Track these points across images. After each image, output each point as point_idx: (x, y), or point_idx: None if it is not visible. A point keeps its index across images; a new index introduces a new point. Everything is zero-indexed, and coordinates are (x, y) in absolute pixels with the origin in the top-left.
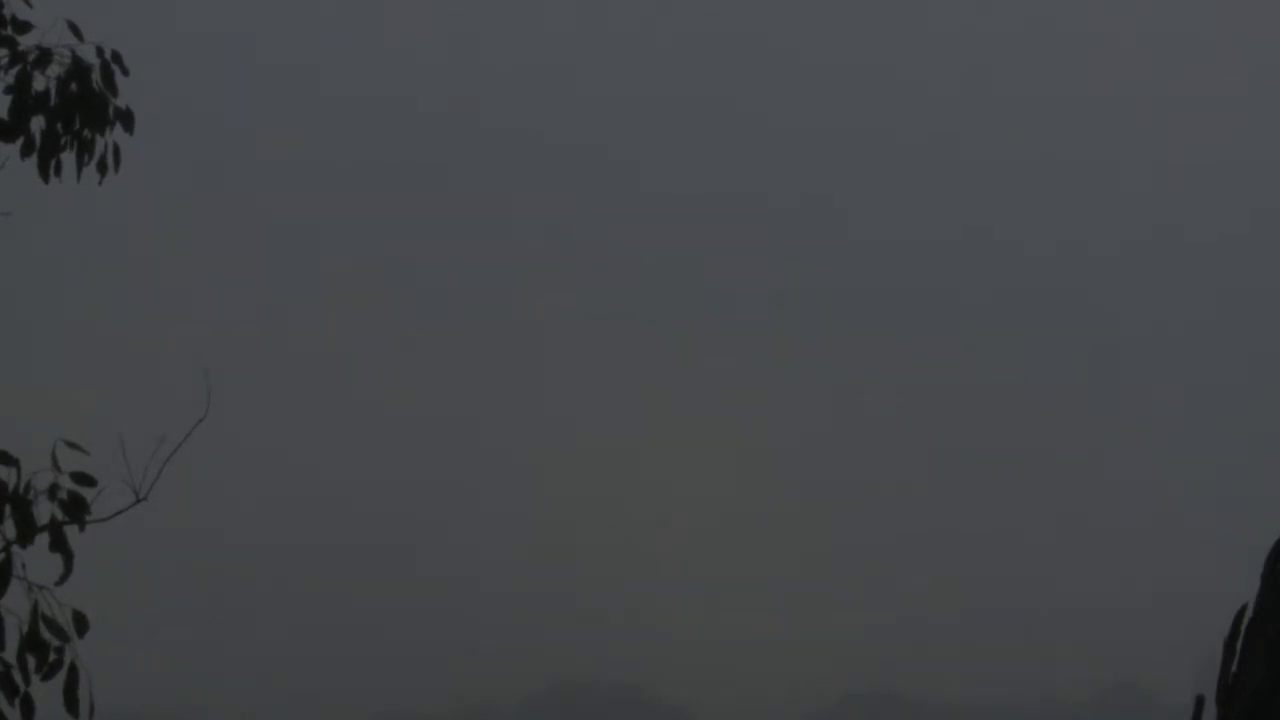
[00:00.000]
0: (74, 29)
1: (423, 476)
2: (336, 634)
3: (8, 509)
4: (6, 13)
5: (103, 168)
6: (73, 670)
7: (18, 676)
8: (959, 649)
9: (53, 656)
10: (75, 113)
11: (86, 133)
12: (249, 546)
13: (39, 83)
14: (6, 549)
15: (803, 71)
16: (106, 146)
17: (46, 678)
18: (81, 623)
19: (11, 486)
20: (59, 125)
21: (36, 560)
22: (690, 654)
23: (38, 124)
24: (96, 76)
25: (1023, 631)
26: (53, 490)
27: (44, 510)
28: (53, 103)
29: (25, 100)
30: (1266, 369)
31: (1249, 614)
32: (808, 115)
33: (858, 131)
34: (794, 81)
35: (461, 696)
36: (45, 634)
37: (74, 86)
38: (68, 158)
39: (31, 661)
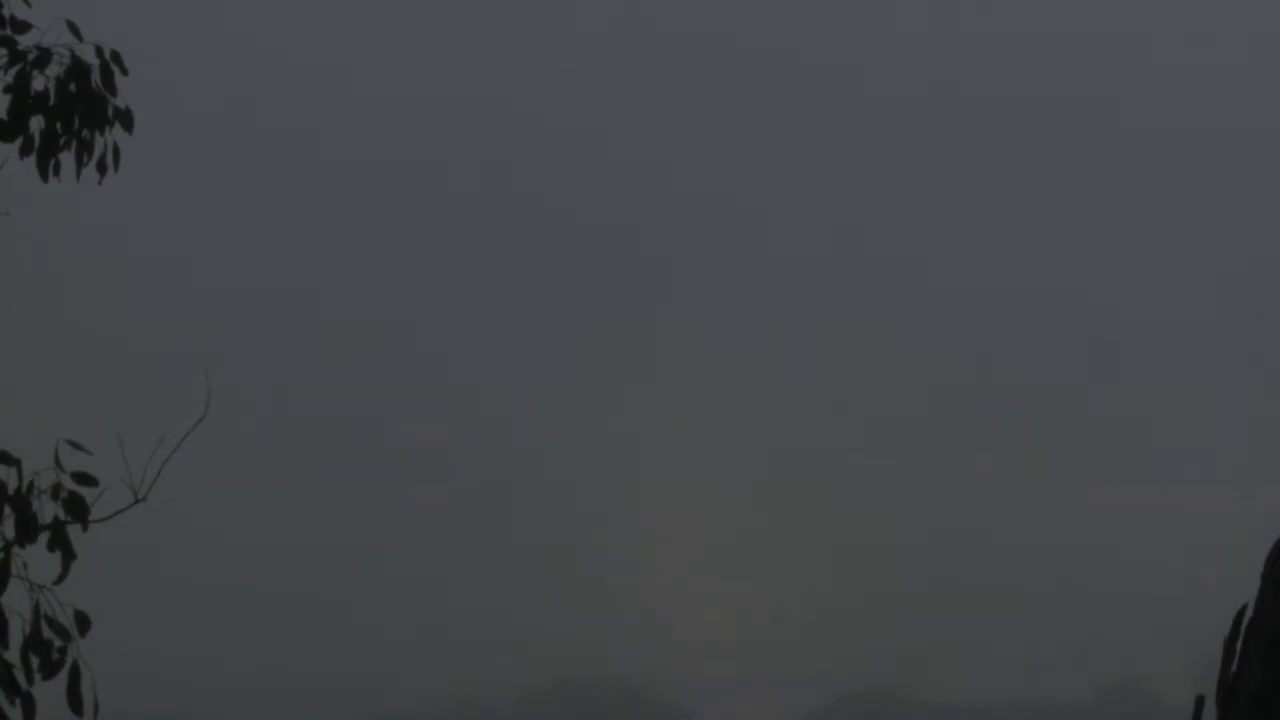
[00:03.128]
0: (73, 29)
1: (423, 477)
2: (336, 634)
3: (6, 509)
4: (6, 12)
5: (102, 167)
6: (75, 669)
7: (20, 676)
8: (959, 649)
9: (55, 656)
10: (74, 112)
11: (85, 132)
12: (248, 546)
13: (38, 82)
14: (6, 549)
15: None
16: (106, 146)
17: (48, 677)
18: (83, 622)
19: (12, 487)
20: (58, 125)
21: (37, 561)
22: (690, 654)
23: (37, 124)
24: (95, 76)
25: (1023, 631)
26: (56, 490)
27: (44, 510)
28: (52, 102)
29: (24, 100)
30: (1269, 367)
31: (1249, 614)
32: (804, 118)
33: (870, 147)
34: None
35: (460, 697)
36: (48, 633)
37: (73, 86)
38: (67, 157)
39: (34, 661)
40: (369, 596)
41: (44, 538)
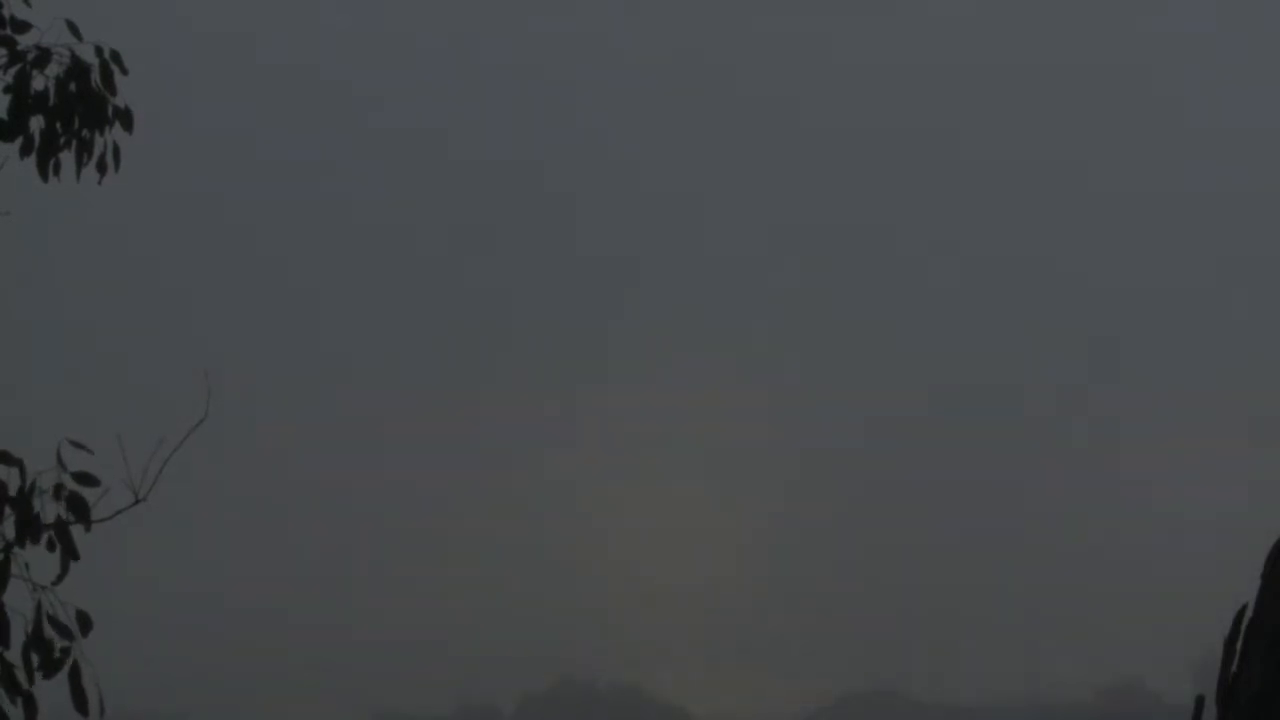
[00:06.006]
0: (73, 28)
1: (422, 478)
2: (336, 634)
3: (7, 509)
4: (5, 12)
5: (102, 167)
6: (76, 668)
7: (21, 675)
8: (959, 649)
9: (57, 655)
10: (74, 112)
11: (85, 132)
12: (247, 546)
13: (38, 82)
14: (6, 549)
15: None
16: (106, 146)
17: (49, 676)
18: (85, 621)
19: (15, 487)
20: (58, 125)
21: (37, 561)
22: (690, 654)
23: (37, 123)
24: (95, 76)
25: (1023, 631)
26: (58, 490)
27: (45, 510)
28: (51, 102)
29: (24, 100)
30: (1271, 365)
31: (1249, 614)
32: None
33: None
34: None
35: (461, 697)
36: (49, 632)
37: (73, 86)
38: (67, 157)
39: (35, 660)
40: (368, 597)
41: (44, 538)
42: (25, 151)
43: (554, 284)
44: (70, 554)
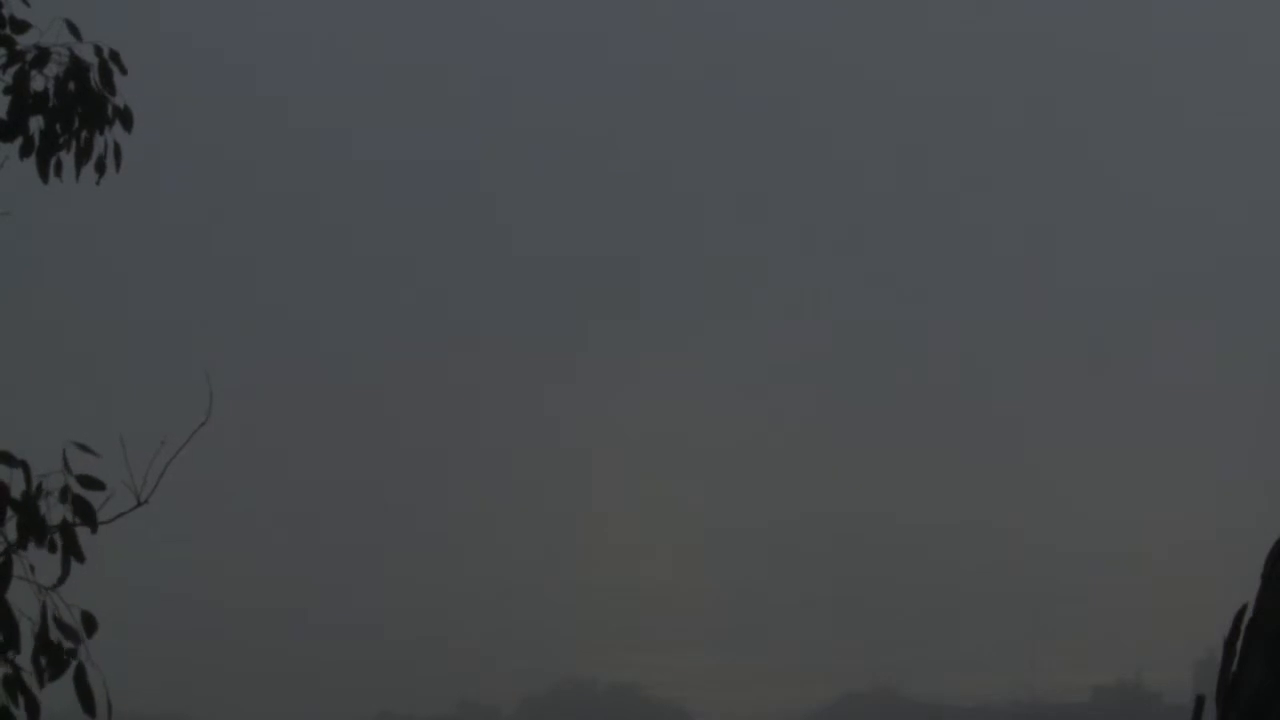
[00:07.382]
0: (72, 28)
1: (422, 478)
2: (336, 635)
3: (8, 511)
4: (5, 12)
5: (101, 167)
6: (81, 670)
7: (29, 678)
8: (959, 649)
9: (65, 657)
10: (74, 112)
11: (85, 132)
12: (248, 547)
13: (37, 82)
14: (7, 552)
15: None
16: (106, 146)
17: (54, 678)
18: (90, 623)
19: (16, 489)
20: (58, 125)
21: (41, 563)
22: (689, 653)
23: (36, 123)
24: (95, 76)
25: (1022, 631)
26: (65, 492)
27: (50, 513)
28: (51, 102)
29: (24, 100)
30: (1270, 366)
31: (1249, 614)
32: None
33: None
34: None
35: (461, 698)
36: (55, 634)
37: (72, 86)
38: (67, 157)
39: (43, 663)
40: (369, 597)
41: (48, 540)
42: (25, 152)
43: (570, 286)
44: (76, 557)
